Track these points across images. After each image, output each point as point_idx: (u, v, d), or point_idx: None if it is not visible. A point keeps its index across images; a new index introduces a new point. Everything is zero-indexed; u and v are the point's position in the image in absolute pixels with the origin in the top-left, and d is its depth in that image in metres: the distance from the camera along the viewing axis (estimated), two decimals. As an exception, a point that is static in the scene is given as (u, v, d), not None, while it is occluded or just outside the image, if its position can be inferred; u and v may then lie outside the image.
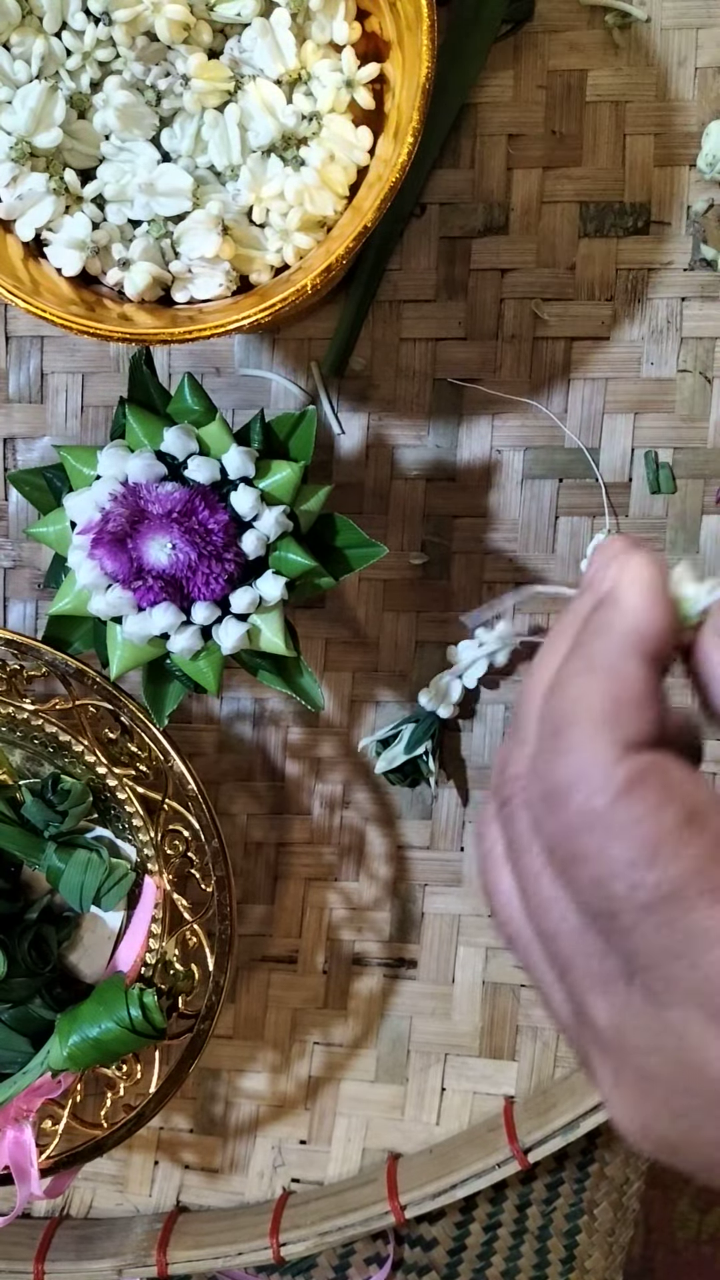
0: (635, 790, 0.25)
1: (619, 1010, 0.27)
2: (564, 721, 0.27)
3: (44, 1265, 0.60)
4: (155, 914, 0.55)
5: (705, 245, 0.56)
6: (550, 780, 0.26)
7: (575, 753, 0.26)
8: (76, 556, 0.47)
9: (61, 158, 0.49)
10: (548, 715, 0.27)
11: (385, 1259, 0.62)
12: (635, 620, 0.27)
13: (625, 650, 0.27)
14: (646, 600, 0.28)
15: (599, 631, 0.28)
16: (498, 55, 0.56)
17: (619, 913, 0.25)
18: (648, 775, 0.25)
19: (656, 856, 0.25)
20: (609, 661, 0.27)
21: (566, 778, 0.26)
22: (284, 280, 0.49)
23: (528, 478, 0.58)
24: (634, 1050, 0.27)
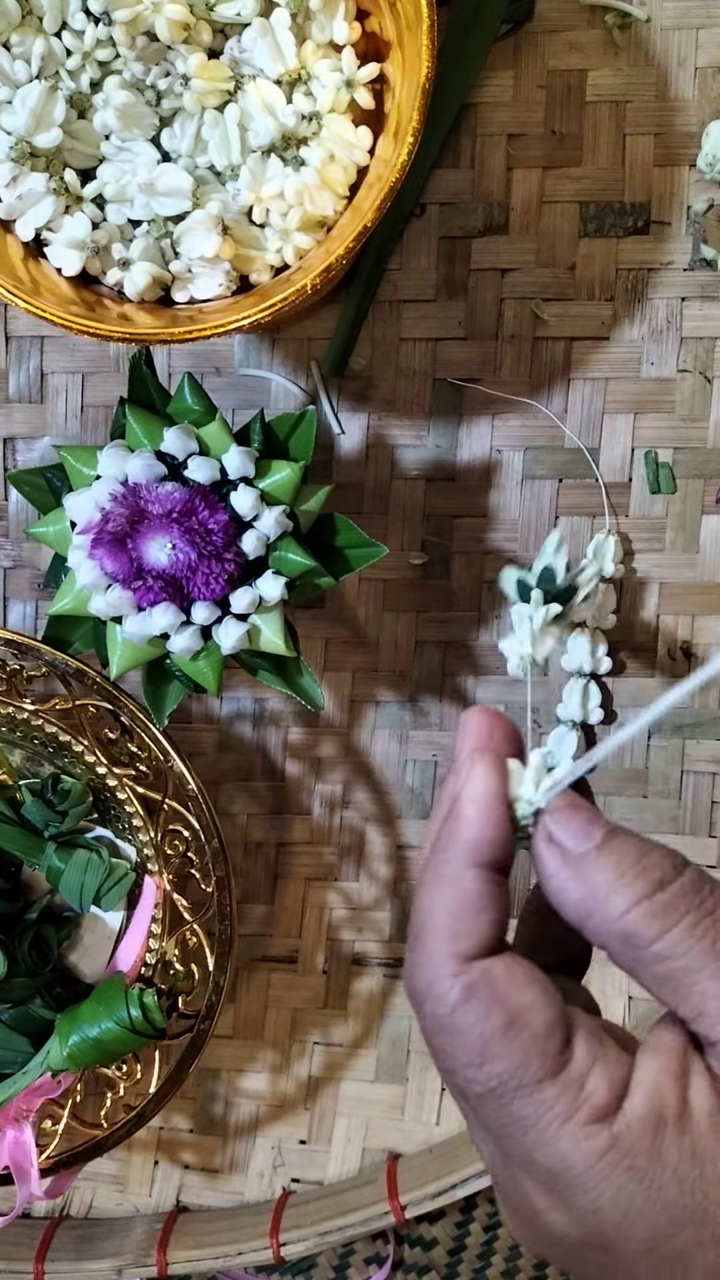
0: (467, 1001, 0.30)
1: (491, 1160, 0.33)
2: (419, 931, 0.32)
3: (44, 1265, 0.60)
4: (155, 914, 0.55)
5: (705, 245, 0.56)
6: (414, 985, 0.32)
7: (426, 968, 0.31)
8: (76, 556, 0.47)
9: (61, 158, 0.49)
10: (414, 919, 0.32)
11: (385, 1259, 0.62)
12: (471, 834, 0.32)
13: (464, 862, 0.31)
14: (481, 815, 0.32)
15: (445, 843, 0.32)
16: (498, 55, 0.56)
17: (468, 1097, 0.31)
18: (478, 988, 0.30)
19: (484, 1058, 0.30)
20: (452, 873, 0.32)
21: (423, 987, 0.31)
22: (284, 280, 0.49)
23: (528, 478, 0.58)
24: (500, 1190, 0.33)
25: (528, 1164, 0.30)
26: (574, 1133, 0.29)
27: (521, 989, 0.30)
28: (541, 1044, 0.30)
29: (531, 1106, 0.30)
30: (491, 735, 0.33)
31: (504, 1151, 0.31)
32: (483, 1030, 0.30)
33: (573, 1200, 0.30)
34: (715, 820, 0.60)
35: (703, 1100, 0.29)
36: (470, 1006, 0.30)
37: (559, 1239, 0.31)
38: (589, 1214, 0.29)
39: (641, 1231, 0.29)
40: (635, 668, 0.59)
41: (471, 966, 0.31)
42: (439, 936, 0.31)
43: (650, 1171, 0.29)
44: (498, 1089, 0.30)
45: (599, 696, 0.58)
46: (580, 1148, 0.29)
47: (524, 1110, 0.30)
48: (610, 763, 0.60)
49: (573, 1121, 0.29)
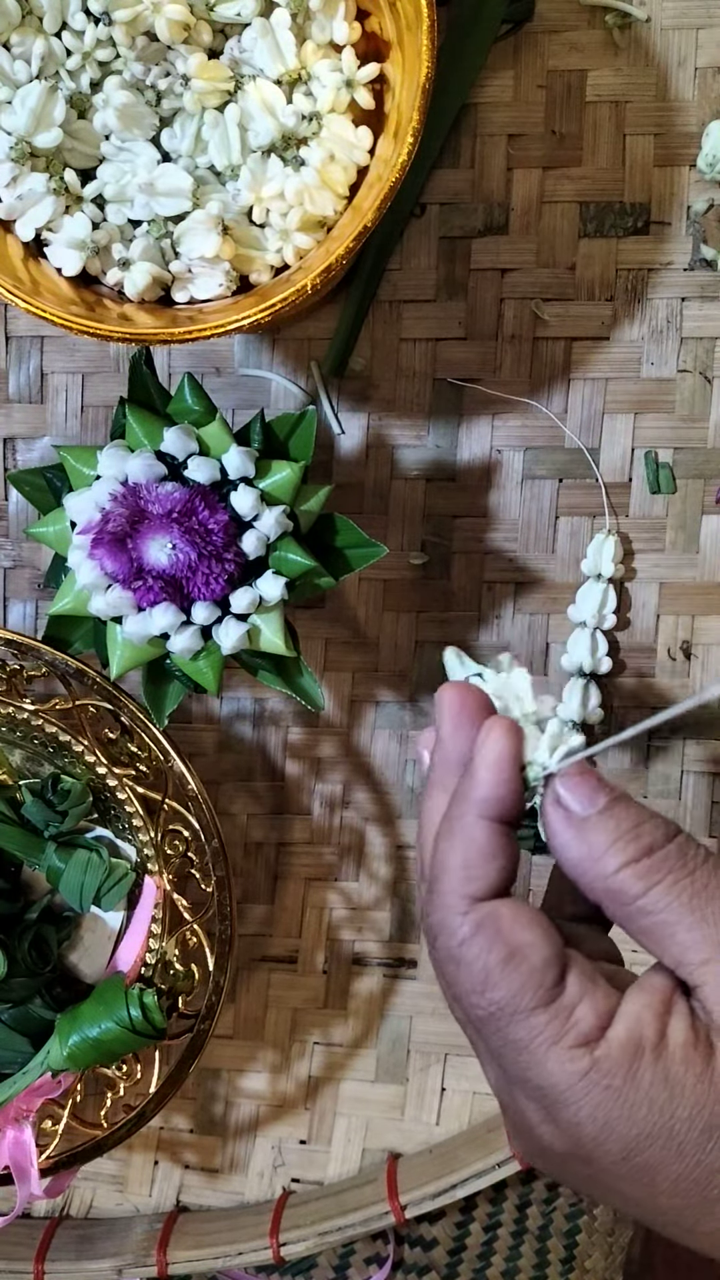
0: (474, 936, 0.34)
1: (494, 1080, 0.37)
2: (435, 876, 0.36)
3: (44, 1265, 0.60)
4: (155, 914, 0.55)
5: (705, 245, 0.56)
6: (430, 922, 0.36)
7: (440, 906, 0.35)
8: (76, 556, 0.47)
9: (61, 158, 0.49)
10: (431, 866, 0.36)
11: (385, 1259, 0.62)
12: (484, 792, 0.35)
13: (477, 814, 0.35)
14: (495, 776, 0.35)
15: (460, 799, 0.36)
16: (498, 55, 0.56)
17: (473, 1021, 0.35)
18: (484, 924, 0.34)
19: (486, 985, 0.34)
20: (466, 825, 0.35)
21: (436, 923, 0.35)
22: (284, 280, 0.49)
23: (528, 478, 0.58)
24: (503, 1108, 0.37)
25: (522, 1081, 0.34)
26: (560, 1055, 0.33)
27: (523, 928, 0.34)
28: (538, 976, 0.34)
29: (525, 1030, 0.33)
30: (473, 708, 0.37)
31: (503, 1070, 0.35)
32: (486, 961, 0.34)
33: (558, 1114, 0.34)
34: (715, 820, 0.60)
35: (679, 1034, 0.33)
36: (476, 940, 0.34)
37: (548, 1149, 0.35)
38: (571, 1126, 0.33)
39: (616, 1144, 0.33)
40: (635, 668, 0.59)
41: (480, 906, 0.35)
42: (453, 879, 0.35)
43: (625, 1092, 0.33)
44: (497, 1014, 0.34)
45: (599, 696, 0.58)
46: (565, 1068, 0.33)
47: (518, 1033, 0.34)
48: (611, 762, 0.60)
49: (560, 1045, 0.33)
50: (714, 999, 0.33)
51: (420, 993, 0.62)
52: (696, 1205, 0.33)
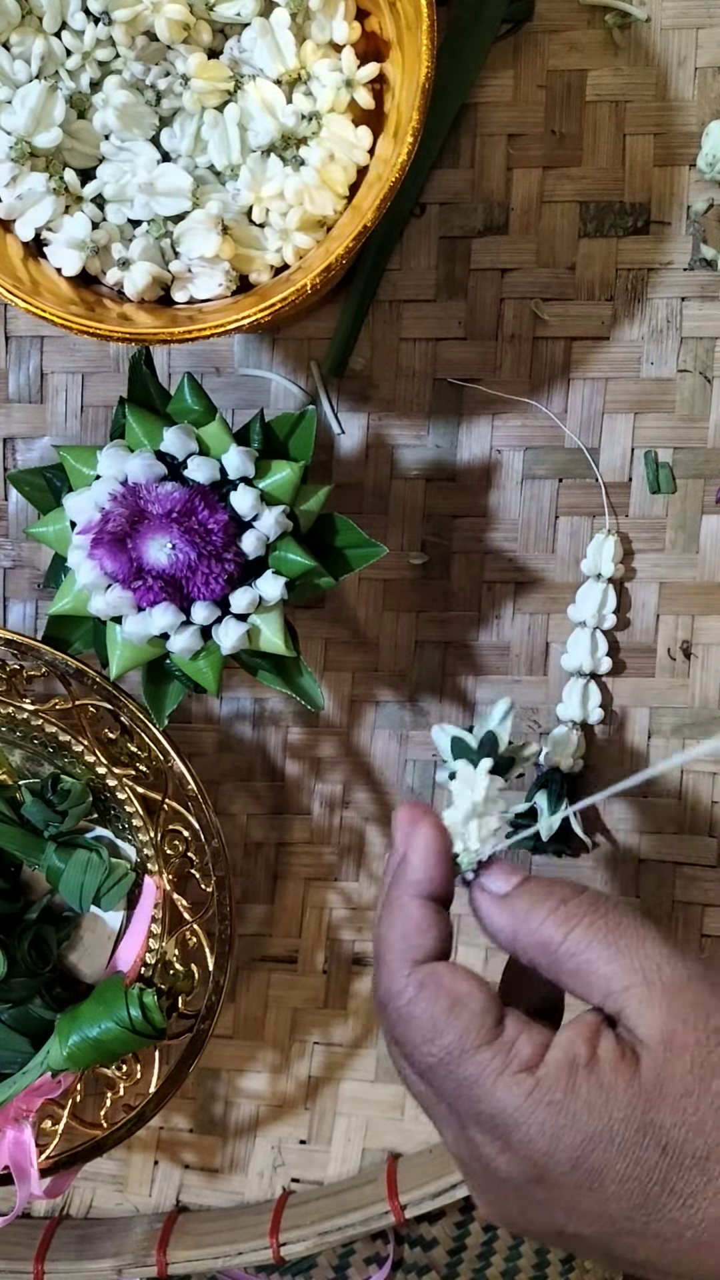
0: (419, 993, 0.39)
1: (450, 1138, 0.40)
2: (379, 953, 0.41)
3: (44, 1265, 0.60)
4: (155, 914, 0.55)
5: (705, 245, 0.56)
6: (378, 995, 0.41)
7: (385, 975, 0.40)
8: (76, 556, 0.47)
9: (61, 157, 0.49)
10: (375, 946, 0.42)
11: (385, 1259, 0.62)
12: (416, 875, 0.41)
13: (410, 895, 0.41)
14: (423, 860, 0.41)
15: (395, 883, 0.41)
16: (498, 55, 0.56)
17: (424, 1072, 0.39)
18: (427, 982, 0.39)
19: (434, 1034, 0.38)
20: (401, 904, 0.41)
21: (384, 991, 0.40)
22: (284, 280, 0.49)
23: (528, 478, 0.58)
24: (461, 1163, 0.40)
25: (474, 1116, 0.38)
26: (507, 1082, 0.37)
27: (461, 980, 0.39)
28: (479, 1019, 0.38)
29: (473, 1067, 0.38)
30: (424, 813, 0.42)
31: (456, 1116, 0.39)
32: (432, 1012, 0.38)
33: (511, 1137, 0.37)
34: (715, 820, 0.60)
35: (608, 1051, 0.37)
36: (422, 996, 0.39)
37: (507, 1180, 0.38)
38: (524, 1145, 0.37)
39: (565, 1153, 0.36)
40: (635, 668, 0.59)
41: (421, 968, 0.40)
42: (395, 950, 0.40)
43: (566, 1103, 0.36)
44: (446, 1058, 0.38)
45: (599, 696, 0.58)
46: (512, 1092, 0.37)
47: (467, 1070, 0.38)
48: (611, 762, 0.60)
49: (505, 1074, 0.37)
50: (634, 1018, 0.37)
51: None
52: (641, 1205, 0.36)
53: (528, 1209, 0.39)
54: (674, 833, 0.59)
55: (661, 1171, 0.36)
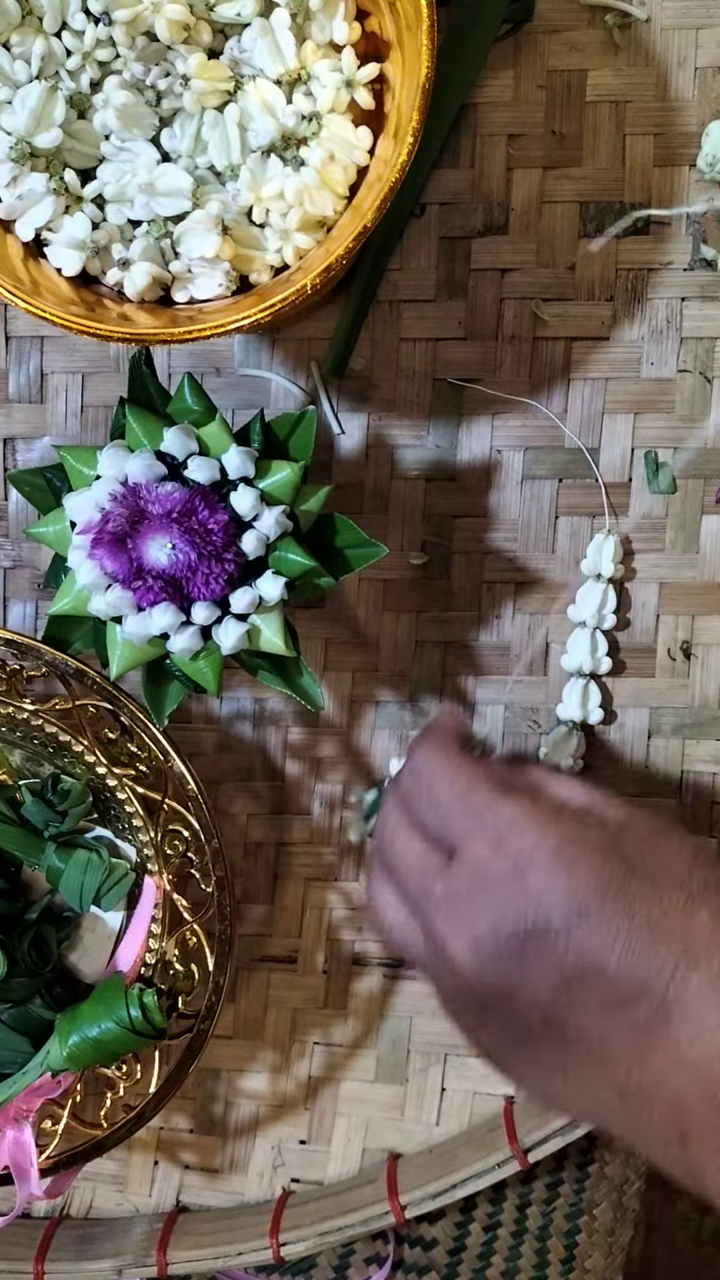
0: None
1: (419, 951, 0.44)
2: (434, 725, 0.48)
3: (44, 1265, 0.60)
4: (155, 914, 0.55)
5: (705, 245, 0.56)
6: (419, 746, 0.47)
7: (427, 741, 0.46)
8: (76, 556, 0.47)
9: (61, 158, 0.49)
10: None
11: (385, 1259, 0.62)
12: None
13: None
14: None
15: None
16: (498, 55, 0.56)
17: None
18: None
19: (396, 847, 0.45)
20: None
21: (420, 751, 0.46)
22: (283, 280, 0.49)
23: (528, 478, 0.58)
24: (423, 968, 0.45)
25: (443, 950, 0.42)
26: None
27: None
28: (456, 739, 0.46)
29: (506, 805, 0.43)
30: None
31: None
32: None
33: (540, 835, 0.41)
34: (715, 820, 0.60)
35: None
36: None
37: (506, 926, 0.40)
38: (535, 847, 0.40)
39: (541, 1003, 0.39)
40: (635, 668, 0.59)
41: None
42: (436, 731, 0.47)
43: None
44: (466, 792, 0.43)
45: (599, 696, 0.58)
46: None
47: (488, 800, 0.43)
48: (611, 763, 0.60)
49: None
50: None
51: (420, 993, 0.62)
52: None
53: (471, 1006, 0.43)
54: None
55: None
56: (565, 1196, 0.63)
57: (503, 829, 0.40)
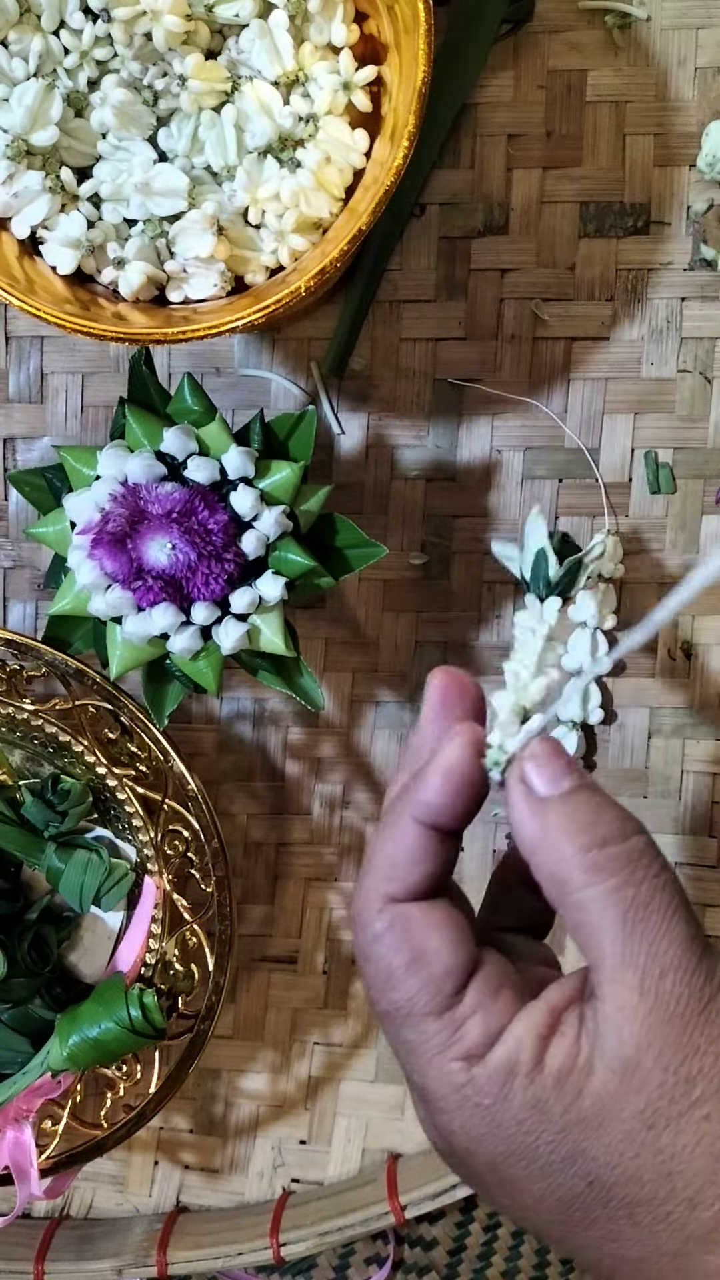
0: (383, 937, 0.35)
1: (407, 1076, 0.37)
2: (366, 866, 0.37)
3: (44, 1265, 0.60)
4: (155, 914, 0.55)
5: (705, 245, 0.56)
6: (351, 913, 0.37)
7: (360, 900, 0.36)
8: (76, 557, 0.47)
9: (58, 156, 0.49)
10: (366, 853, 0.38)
11: (385, 1259, 0.62)
12: (427, 797, 0.35)
13: (412, 817, 0.36)
14: (441, 784, 0.35)
15: (403, 796, 0.36)
16: (498, 55, 0.56)
17: (378, 1015, 0.36)
18: (395, 925, 0.35)
19: (388, 985, 0.35)
20: (400, 823, 0.36)
21: (355, 916, 0.36)
22: (279, 281, 0.49)
23: (528, 478, 0.58)
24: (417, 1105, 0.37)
25: (409, 1079, 0.36)
26: (442, 1065, 0.34)
27: (431, 934, 0.35)
28: (436, 984, 0.34)
29: (416, 1034, 0.35)
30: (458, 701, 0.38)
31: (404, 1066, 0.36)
32: (391, 962, 0.35)
33: (435, 1119, 0.35)
34: (715, 820, 0.59)
35: (556, 1059, 0.33)
36: (386, 939, 0.35)
37: (430, 1139, 0.37)
38: (446, 1133, 0.35)
39: (484, 1156, 0.34)
40: (635, 668, 0.59)
41: (393, 907, 0.36)
42: (375, 876, 0.36)
43: (494, 1111, 0.33)
44: (393, 1012, 0.35)
45: (599, 696, 0.58)
46: (445, 1080, 0.34)
47: (410, 1035, 0.35)
48: (611, 763, 0.59)
49: (443, 1055, 0.34)
50: (608, 1021, 0.33)
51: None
52: (560, 1222, 0.34)
53: (446, 1160, 0.37)
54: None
55: (585, 1202, 0.33)
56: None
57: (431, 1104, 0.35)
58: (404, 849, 0.36)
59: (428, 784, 0.35)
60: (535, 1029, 0.34)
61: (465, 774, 0.35)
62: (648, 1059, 0.32)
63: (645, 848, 0.34)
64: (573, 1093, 0.33)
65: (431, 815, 0.36)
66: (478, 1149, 0.34)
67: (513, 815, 0.35)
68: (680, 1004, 0.33)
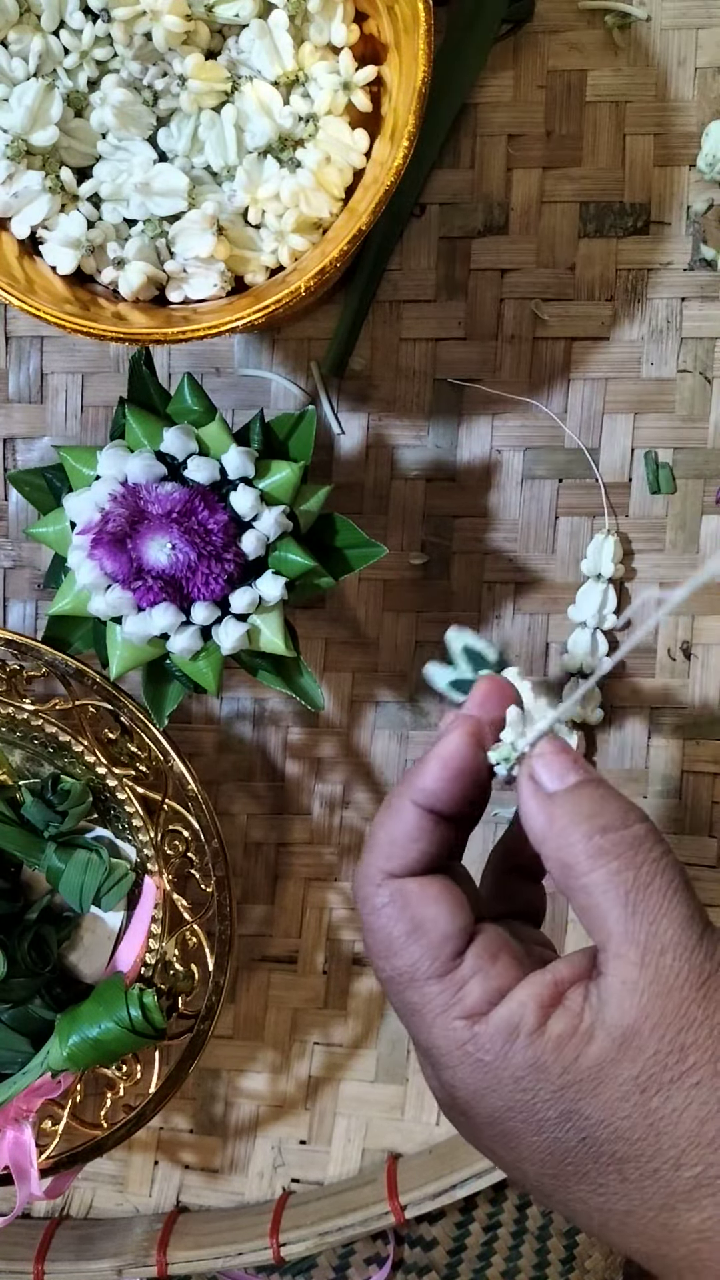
0: (383, 909, 0.38)
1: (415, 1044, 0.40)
2: (367, 845, 0.40)
3: (44, 1265, 0.60)
4: (155, 914, 0.55)
5: (705, 245, 0.56)
6: (353, 889, 0.41)
7: (361, 877, 0.39)
8: (76, 556, 0.47)
9: (58, 156, 0.49)
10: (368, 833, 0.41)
11: (385, 1259, 0.62)
12: (424, 782, 0.39)
13: (411, 799, 0.39)
14: (439, 770, 0.39)
15: (404, 781, 0.39)
16: (498, 55, 0.56)
17: (383, 982, 0.39)
18: (395, 897, 0.38)
19: (389, 953, 0.38)
20: (399, 806, 0.39)
21: (357, 892, 0.39)
22: (279, 281, 0.49)
23: (528, 478, 0.58)
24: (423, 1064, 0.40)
25: (414, 1039, 0.38)
26: (445, 1023, 0.36)
27: (429, 904, 0.38)
28: (436, 949, 0.37)
29: (418, 996, 0.37)
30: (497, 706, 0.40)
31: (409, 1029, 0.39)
32: (391, 932, 0.38)
33: (440, 1075, 0.37)
34: (715, 820, 0.59)
35: (559, 1026, 0.35)
36: (386, 911, 0.38)
37: (436, 1095, 0.39)
38: (449, 1087, 0.37)
39: (484, 1110, 0.36)
40: (635, 668, 0.59)
41: (392, 882, 0.38)
42: (376, 854, 0.39)
43: (494, 1067, 0.36)
44: (397, 978, 0.37)
45: (599, 696, 0.58)
46: (447, 1037, 0.36)
47: (413, 998, 0.37)
48: (611, 763, 0.59)
49: (446, 1015, 0.36)
50: (610, 992, 0.35)
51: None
52: (553, 1176, 0.36)
53: (453, 1121, 0.40)
54: (674, 833, 0.59)
55: (577, 1157, 0.35)
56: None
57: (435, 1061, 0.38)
58: (402, 829, 0.39)
59: (426, 770, 0.39)
60: (538, 997, 0.36)
61: (461, 762, 0.39)
62: (645, 1028, 0.34)
63: (647, 834, 0.37)
64: (571, 1056, 0.35)
65: (428, 799, 0.39)
66: (478, 1103, 0.36)
67: (523, 809, 0.38)
68: (679, 978, 0.35)
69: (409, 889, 0.38)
